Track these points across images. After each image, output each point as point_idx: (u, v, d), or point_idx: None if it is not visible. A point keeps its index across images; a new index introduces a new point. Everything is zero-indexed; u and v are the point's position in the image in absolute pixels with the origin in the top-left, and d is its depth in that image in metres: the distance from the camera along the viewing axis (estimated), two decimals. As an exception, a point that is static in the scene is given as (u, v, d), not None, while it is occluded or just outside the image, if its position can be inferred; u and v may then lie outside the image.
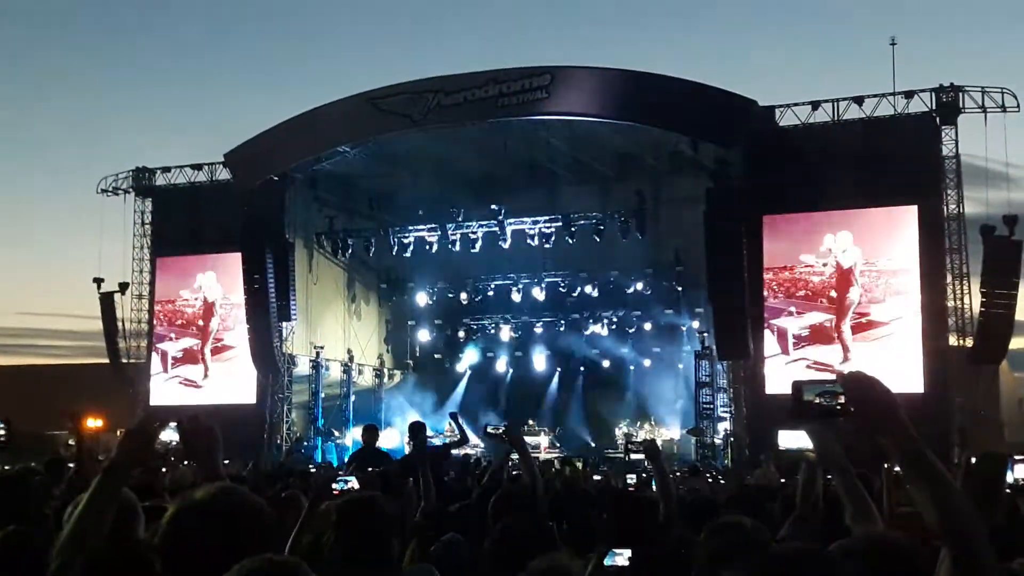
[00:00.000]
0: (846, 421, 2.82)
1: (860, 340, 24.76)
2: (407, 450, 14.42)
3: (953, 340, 24.81)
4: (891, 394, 2.70)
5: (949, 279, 24.91)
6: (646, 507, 5.60)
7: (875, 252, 25.07)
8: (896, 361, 23.96)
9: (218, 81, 63.53)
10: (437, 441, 19.73)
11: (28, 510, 5.26)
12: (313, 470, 17.42)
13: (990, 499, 3.58)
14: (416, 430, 9.58)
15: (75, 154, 59.38)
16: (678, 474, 16.38)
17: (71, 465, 7.46)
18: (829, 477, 5.62)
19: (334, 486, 6.39)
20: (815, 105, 26.06)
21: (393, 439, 26.80)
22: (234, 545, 2.58)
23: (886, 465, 6.07)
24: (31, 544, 4.34)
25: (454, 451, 12.98)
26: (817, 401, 2.87)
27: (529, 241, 29.18)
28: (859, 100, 25.70)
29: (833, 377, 2.83)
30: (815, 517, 5.12)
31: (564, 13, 61.45)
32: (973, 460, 4.00)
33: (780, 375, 25.00)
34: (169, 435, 3.54)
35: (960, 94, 24.99)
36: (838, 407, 2.80)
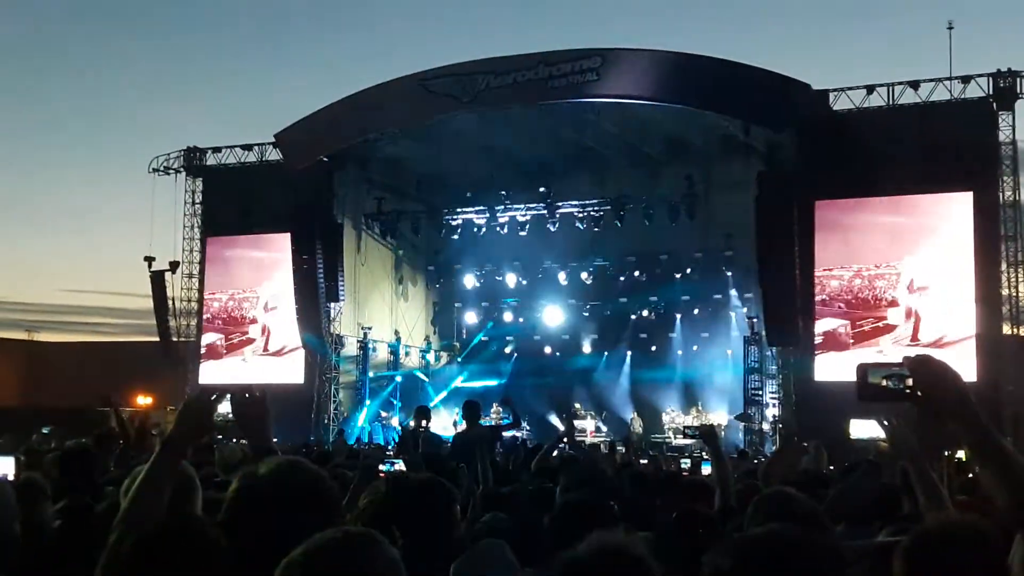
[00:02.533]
0: (913, 405, 2.78)
1: (912, 326, 24.53)
2: (458, 430, 14.44)
3: (1007, 329, 24.52)
4: (960, 378, 2.66)
5: (1004, 267, 24.60)
6: (702, 491, 5.57)
7: (930, 239, 24.79)
8: (949, 349, 23.70)
9: (270, 62, 63.90)
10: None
11: (88, 483, 5.31)
12: (359, 449, 17.49)
13: None
14: (471, 410, 9.56)
15: (127, 134, 59.95)
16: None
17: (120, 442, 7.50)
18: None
19: (381, 467, 6.38)
20: (870, 89, 25.77)
21: (440, 421, 26.88)
22: (300, 518, 2.56)
23: (946, 453, 5.98)
24: (92, 515, 4.38)
25: (505, 434, 12.98)
26: (884, 384, 2.84)
27: (578, 224, 29.10)
28: (915, 85, 25.38)
29: (899, 360, 2.80)
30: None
31: (615, -3, 61.18)
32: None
33: (830, 362, 24.85)
34: (225, 408, 3.53)
35: (1018, 79, 24.64)
36: (906, 390, 2.77)
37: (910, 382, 2.74)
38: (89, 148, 62.53)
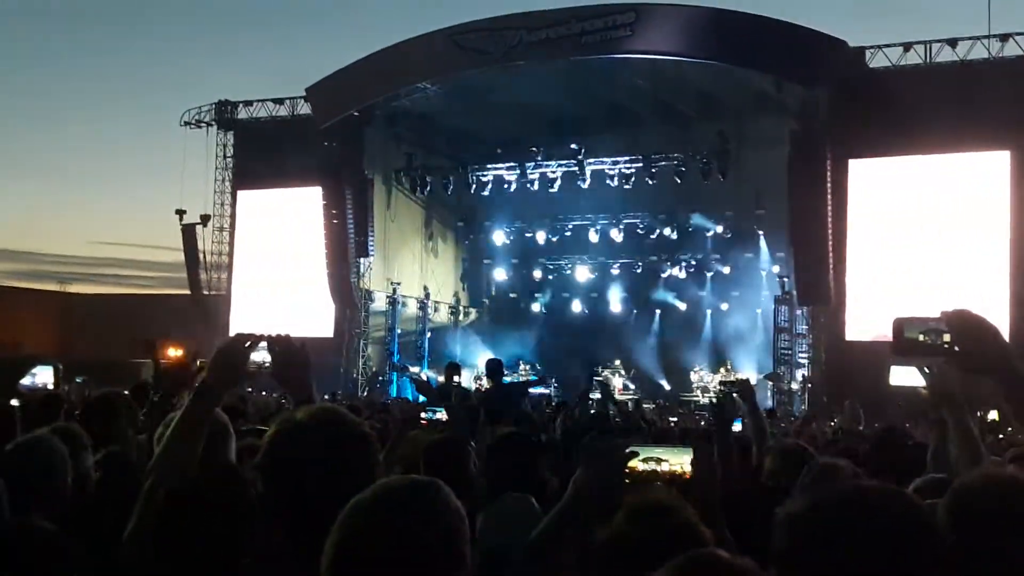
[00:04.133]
0: (951, 360, 2.74)
1: (946, 287, 24.32)
2: (482, 387, 14.45)
3: (1041, 289, 24.29)
4: (999, 333, 2.62)
5: (1041, 225, 24.34)
6: (740, 447, 5.55)
7: (965, 199, 24.56)
8: (983, 305, 23.45)
9: (301, 15, 63.71)
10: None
11: (116, 432, 5.32)
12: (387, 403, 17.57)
13: None
14: (493, 368, 9.56)
15: (159, 87, 60.04)
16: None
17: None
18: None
19: (423, 415, 6.40)
20: (907, 47, 25.47)
21: (468, 376, 26.96)
22: (338, 466, 2.55)
23: (979, 412, 5.93)
24: (128, 463, 4.40)
25: (532, 391, 12.98)
26: (921, 339, 2.80)
27: (608, 182, 28.93)
28: (952, 43, 25.06)
29: (937, 315, 2.75)
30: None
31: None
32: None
33: (861, 321, 24.72)
34: (260, 356, 3.50)
35: (1058, 37, 24.27)
36: (943, 345, 2.73)
37: (947, 337, 2.70)
38: (121, 102, 62.67)
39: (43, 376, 5.46)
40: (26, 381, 7.04)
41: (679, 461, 3.48)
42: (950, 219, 24.73)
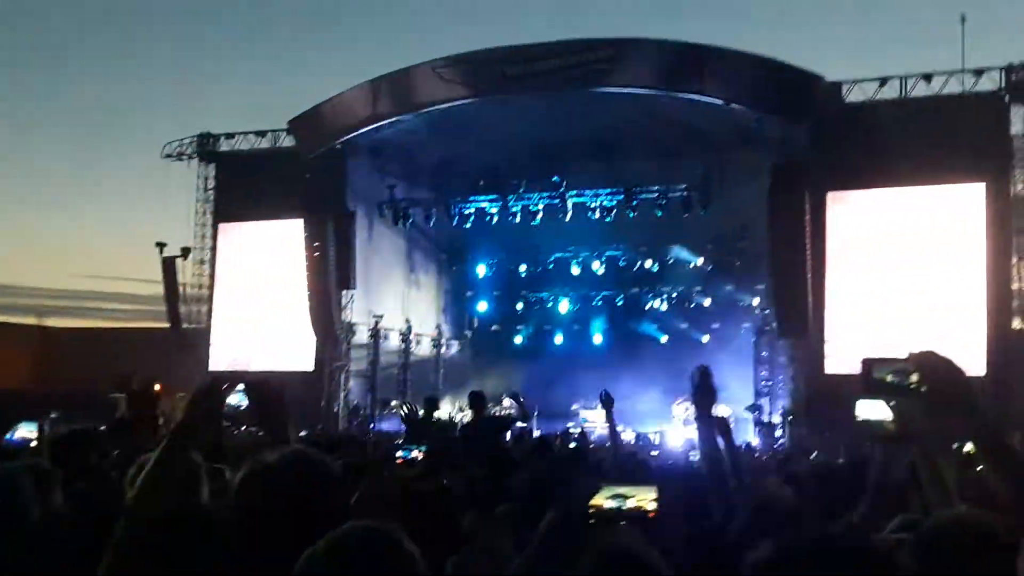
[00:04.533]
0: (918, 400, 2.80)
1: (924, 320, 24.46)
2: (464, 420, 14.44)
3: (1017, 323, 24.45)
4: (964, 374, 2.68)
5: (1015, 260, 24.51)
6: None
7: (941, 231, 24.76)
8: (959, 342, 23.66)
9: (284, 48, 63.86)
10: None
11: (88, 468, 5.32)
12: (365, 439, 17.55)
13: None
14: (476, 401, 9.57)
15: (140, 119, 59.90)
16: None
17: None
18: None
19: (398, 454, 6.42)
20: (883, 81, 25.69)
21: (450, 408, 26.95)
22: (306, 509, 2.58)
23: (954, 446, 5.97)
24: (95, 501, 4.40)
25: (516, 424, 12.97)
26: (888, 379, 2.86)
27: (590, 214, 29.06)
28: (927, 77, 25.30)
29: (904, 356, 2.81)
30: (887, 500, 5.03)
31: (629, -15, 60.91)
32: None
33: (841, 354, 24.82)
34: (236, 399, 3.53)
35: (1031, 73, 24.53)
36: (911, 386, 2.79)
37: (915, 377, 2.76)
38: (102, 133, 62.54)
39: (27, 432, 5.43)
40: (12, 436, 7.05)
41: (644, 498, 3.55)
42: (927, 252, 24.89)
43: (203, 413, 3.31)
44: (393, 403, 30.70)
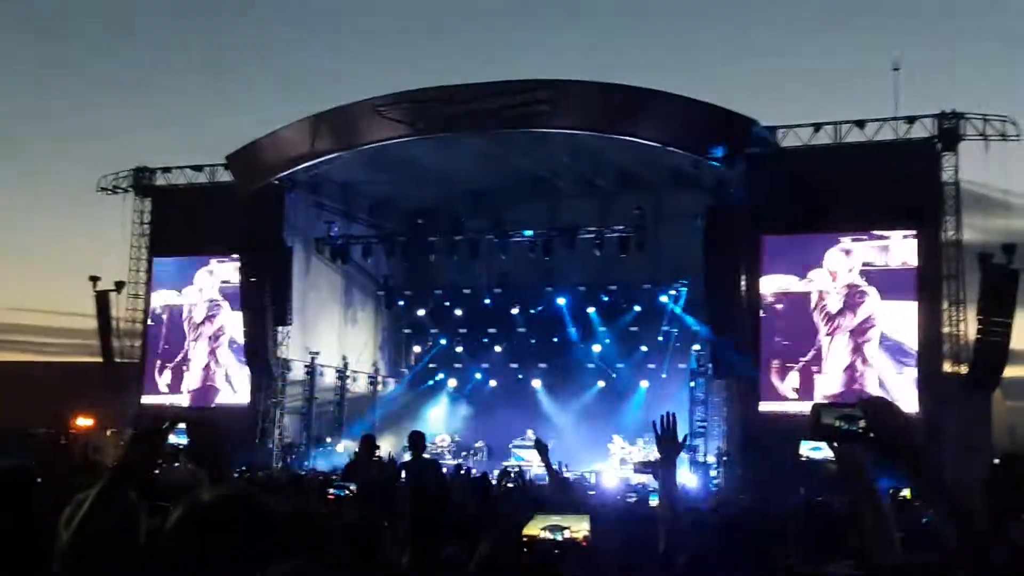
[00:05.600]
0: (865, 445, 2.86)
1: (856, 362, 24.85)
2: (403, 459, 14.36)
3: (948, 367, 24.84)
4: (910, 421, 2.75)
5: (946, 305, 24.94)
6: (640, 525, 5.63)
7: (873, 275, 25.15)
8: (890, 385, 24.08)
9: (221, 82, 63.58)
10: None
11: (25, 508, 5.22)
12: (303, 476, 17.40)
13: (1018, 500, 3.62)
14: (416, 440, 9.56)
15: (75, 152, 59.28)
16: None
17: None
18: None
19: (330, 491, 6.38)
20: (817, 127, 26.10)
21: (384, 448, 26.74)
22: (241, 549, 2.57)
23: (891, 490, 6.08)
24: (29, 543, 4.32)
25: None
26: (836, 424, 2.92)
27: (529, 254, 29.16)
28: (861, 124, 25.75)
29: (852, 402, 2.87)
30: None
31: (567, 28, 61.54)
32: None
33: (774, 393, 25.11)
34: (174, 436, 3.50)
35: (961, 121, 25.04)
36: (859, 431, 2.84)
37: (862, 423, 2.82)
38: (35, 166, 61.82)
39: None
40: None
41: (579, 528, 3.63)
42: (860, 294, 25.25)
43: (145, 452, 3.28)
44: (328, 440, 30.52)
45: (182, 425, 3.43)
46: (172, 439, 3.42)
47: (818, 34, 56.65)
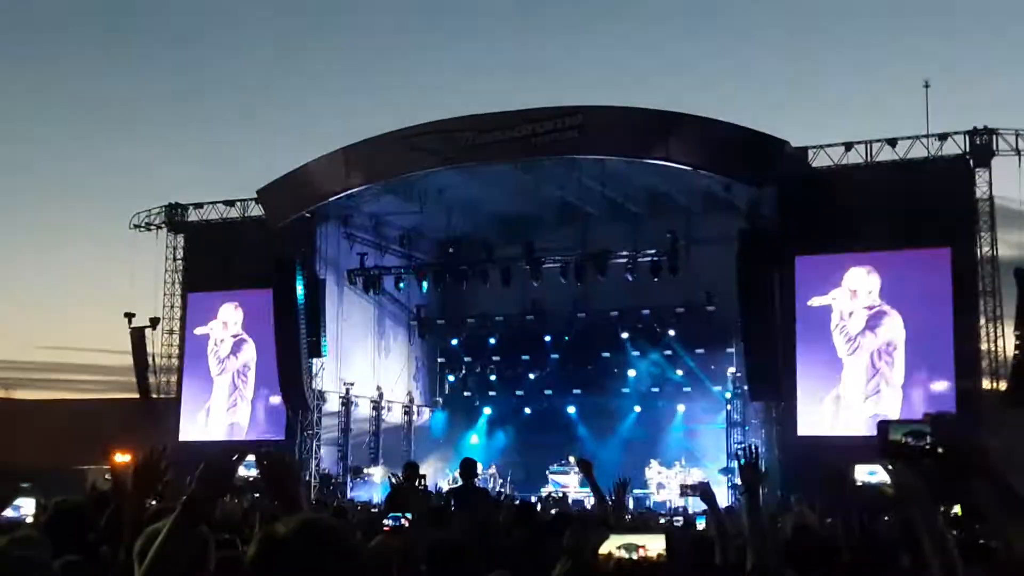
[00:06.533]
0: (935, 462, 2.84)
1: (895, 379, 24.70)
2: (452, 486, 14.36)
3: (986, 383, 24.65)
4: (978, 435, 2.74)
5: (983, 322, 24.78)
6: (704, 545, 5.66)
7: (909, 294, 24.98)
8: (928, 403, 23.87)
9: (253, 117, 64.02)
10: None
11: (83, 542, 5.28)
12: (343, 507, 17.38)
13: None
14: (467, 468, 9.55)
15: (108, 189, 59.77)
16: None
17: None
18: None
19: (386, 522, 6.40)
20: (848, 146, 26.03)
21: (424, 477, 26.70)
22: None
23: (942, 508, 6.03)
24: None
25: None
26: (904, 441, 2.90)
27: (561, 279, 29.12)
28: (892, 142, 25.70)
29: (919, 417, 2.86)
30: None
31: (596, 53, 61.62)
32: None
33: (813, 416, 24.95)
34: (242, 469, 3.53)
35: (994, 136, 24.96)
36: (927, 447, 2.83)
37: (930, 439, 2.81)
38: (69, 204, 62.35)
39: (26, 507, 5.39)
40: (8, 513, 6.97)
41: (654, 547, 3.67)
42: (896, 313, 25.09)
43: (215, 484, 3.30)
44: (365, 472, 30.55)
45: (251, 458, 3.45)
46: (241, 472, 3.44)
47: (849, 51, 56.51)
